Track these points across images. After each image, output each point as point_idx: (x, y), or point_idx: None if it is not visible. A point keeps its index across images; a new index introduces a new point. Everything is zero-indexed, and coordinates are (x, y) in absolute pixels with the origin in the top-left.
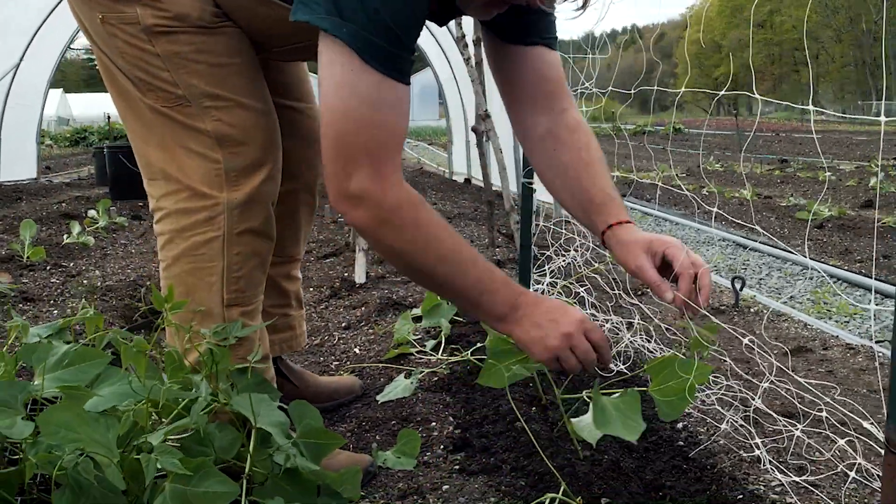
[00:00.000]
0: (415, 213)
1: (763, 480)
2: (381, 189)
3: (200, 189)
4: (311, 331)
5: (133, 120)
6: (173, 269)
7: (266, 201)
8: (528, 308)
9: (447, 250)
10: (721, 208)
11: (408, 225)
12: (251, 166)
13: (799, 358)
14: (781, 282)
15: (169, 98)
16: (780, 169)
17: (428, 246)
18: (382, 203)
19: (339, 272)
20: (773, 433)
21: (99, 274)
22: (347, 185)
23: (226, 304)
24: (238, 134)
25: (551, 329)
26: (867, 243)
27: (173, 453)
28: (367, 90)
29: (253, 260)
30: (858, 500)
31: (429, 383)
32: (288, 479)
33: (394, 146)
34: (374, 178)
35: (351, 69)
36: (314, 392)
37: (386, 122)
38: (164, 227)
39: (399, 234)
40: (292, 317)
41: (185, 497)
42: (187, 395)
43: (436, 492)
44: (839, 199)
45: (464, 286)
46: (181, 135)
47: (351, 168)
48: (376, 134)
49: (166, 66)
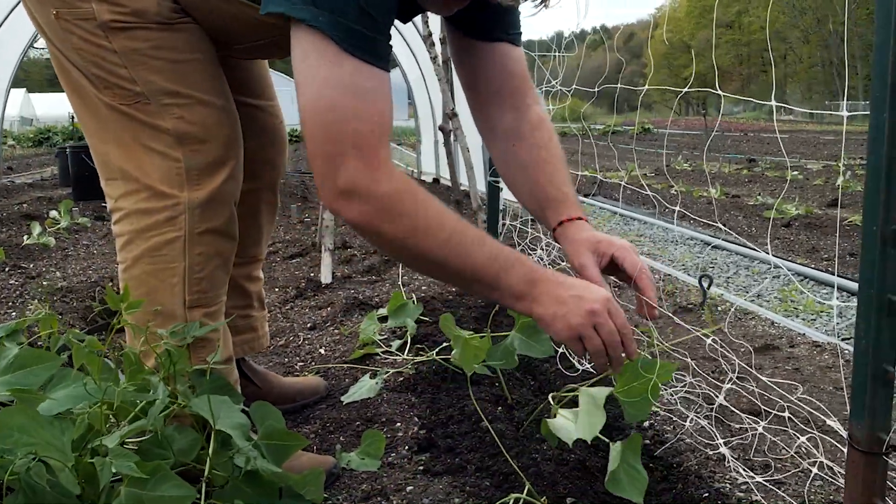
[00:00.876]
0: (412, 199)
1: (729, 479)
2: (373, 179)
3: (160, 189)
4: (275, 331)
5: (89, 118)
6: (133, 271)
7: (228, 200)
8: (548, 284)
9: (452, 231)
10: (689, 207)
11: (407, 212)
12: (213, 165)
13: (766, 356)
14: (749, 280)
15: (127, 95)
16: (748, 168)
17: (430, 231)
18: (376, 193)
19: (304, 272)
20: (739, 431)
21: (60, 275)
22: (337, 180)
23: (188, 305)
24: (199, 132)
25: (575, 305)
26: (834, 241)
27: (129, 456)
28: (347, 79)
29: (215, 260)
30: (823, 497)
31: (394, 383)
32: (249, 481)
33: (380, 134)
34: (364, 170)
35: (329, 59)
36: (278, 393)
37: (370, 111)
38: (124, 228)
39: (399, 224)
40: (254, 318)
41: (141, 501)
42: (144, 397)
43: (399, 493)
44: (806, 197)
45: (476, 267)
46: (140, 133)
47: (339, 162)
48: (361, 123)
49: (124, 63)
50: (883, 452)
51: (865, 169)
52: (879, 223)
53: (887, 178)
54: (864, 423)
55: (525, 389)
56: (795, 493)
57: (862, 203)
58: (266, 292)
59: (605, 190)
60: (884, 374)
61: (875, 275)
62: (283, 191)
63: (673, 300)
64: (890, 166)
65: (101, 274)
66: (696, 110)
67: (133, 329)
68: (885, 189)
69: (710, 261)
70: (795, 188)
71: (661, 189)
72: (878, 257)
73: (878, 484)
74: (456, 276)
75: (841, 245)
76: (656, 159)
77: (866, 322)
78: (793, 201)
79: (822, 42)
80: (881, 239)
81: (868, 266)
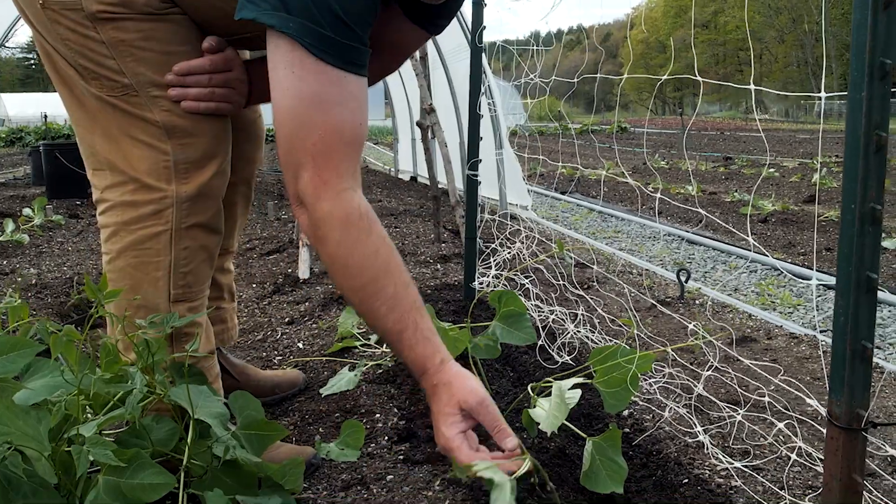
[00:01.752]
0: (344, 231)
1: (708, 465)
2: (317, 196)
3: (147, 181)
4: (253, 327)
5: (76, 109)
6: (117, 263)
7: (216, 195)
8: (434, 381)
9: (369, 281)
10: (666, 203)
11: (333, 241)
12: (202, 159)
13: (744, 347)
14: (726, 275)
15: (115, 87)
16: (725, 166)
17: (347, 270)
18: (315, 209)
19: (282, 268)
20: (718, 420)
21: (34, 272)
22: (296, 186)
23: (172, 299)
24: (188, 125)
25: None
26: (810, 236)
27: (106, 444)
28: (314, 90)
29: (201, 254)
30: (802, 482)
31: (373, 375)
32: (228, 471)
33: (341, 149)
34: (313, 184)
35: (297, 68)
36: (255, 386)
37: (332, 124)
38: (109, 220)
39: (324, 246)
40: (225, 310)
41: (120, 490)
42: (122, 387)
43: (380, 482)
44: (783, 194)
45: (383, 324)
46: (127, 125)
47: (299, 171)
48: (322, 136)
49: (112, 54)
50: (862, 428)
51: (843, 147)
52: (857, 201)
53: (865, 156)
54: (843, 399)
55: (504, 380)
56: (774, 479)
57: (841, 183)
58: (243, 288)
59: (582, 187)
60: (862, 350)
61: (853, 252)
62: (260, 189)
63: (652, 293)
64: (867, 145)
65: (77, 270)
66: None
67: (111, 318)
68: (862, 167)
69: (688, 256)
70: (772, 185)
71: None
72: (856, 234)
73: (858, 460)
74: (365, 319)
75: (817, 240)
76: (633, 157)
77: (845, 299)
78: (769, 197)
79: (798, 42)
80: (859, 217)
81: (847, 243)
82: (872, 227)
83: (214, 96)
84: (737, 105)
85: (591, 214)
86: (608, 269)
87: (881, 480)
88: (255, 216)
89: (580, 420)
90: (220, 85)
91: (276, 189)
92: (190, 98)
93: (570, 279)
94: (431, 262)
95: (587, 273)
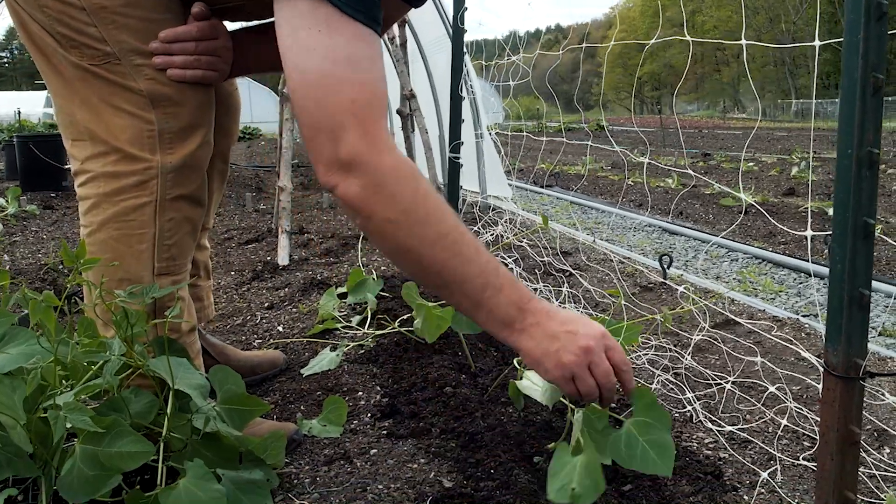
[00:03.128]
0: (414, 180)
1: (696, 437)
2: (376, 150)
3: (130, 151)
4: (232, 311)
5: (54, 78)
6: (99, 235)
7: (201, 166)
8: (539, 315)
9: (449, 228)
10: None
11: (406, 192)
12: (187, 129)
13: (727, 330)
14: (707, 264)
15: (95, 55)
16: (704, 161)
17: (428, 220)
18: (379, 165)
19: (261, 256)
20: (705, 396)
21: (8, 258)
22: (337, 151)
23: (156, 272)
24: (174, 94)
25: (568, 341)
26: (789, 227)
27: (84, 410)
28: (344, 47)
29: (185, 227)
30: (790, 454)
31: (355, 355)
32: (208, 444)
33: (379, 107)
34: (366, 140)
35: (326, 25)
36: (235, 366)
37: (367, 81)
38: (90, 191)
39: (395, 203)
40: (201, 287)
41: (97, 458)
42: (100, 357)
43: (363, 456)
44: (762, 187)
45: (465, 275)
46: (109, 94)
47: (339, 133)
48: (360, 94)
49: (93, 21)
50: (860, 377)
51: (822, 143)
52: (854, 145)
53: (862, 98)
54: (840, 347)
55: (488, 359)
56: (762, 451)
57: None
58: (221, 276)
59: (562, 181)
60: (860, 297)
61: (850, 198)
62: (238, 182)
63: (633, 280)
64: (865, 86)
65: (52, 259)
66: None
67: (89, 286)
68: (859, 110)
69: (669, 246)
70: (751, 178)
71: (618, 180)
72: (853, 180)
73: (855, 410)
74: (440, 279)
75: (797, 230)
76: (612, 154)
77: (841, 246)
78: (749, 190)
79: (775, 41)
80: (856, 161)
81: (843, 189)
82: (870, 172)
83: (200, 64)
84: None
85: (572, 207)
86: (589, 257)
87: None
88: (234, 207)
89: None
90: (206, 53)
91: (254, 183)
92: (176, 66)
93: (554, 255)
94: None
95: (569, 261)
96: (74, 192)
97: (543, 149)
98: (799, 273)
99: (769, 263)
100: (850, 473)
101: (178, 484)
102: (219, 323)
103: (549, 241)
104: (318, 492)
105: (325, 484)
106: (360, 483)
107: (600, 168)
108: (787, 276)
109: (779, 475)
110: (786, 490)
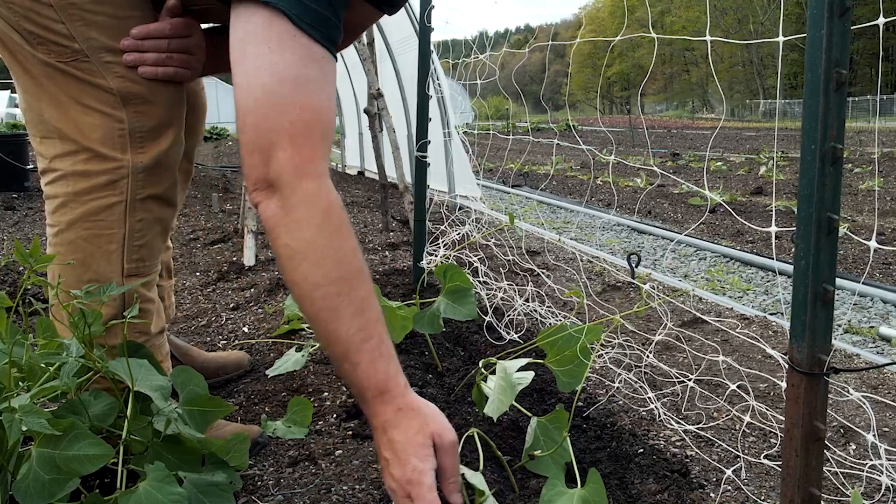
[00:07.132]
0: (327, 213)
1: (663, 436)
2: (300, 173)
3: (100, 150)
4: (196, 312)
5: (21, 74)
6: (67, 235)
7: (172, 166)
8: (387, 414)
9: (340, 276)
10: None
11: (312, 222)
12: (158, 127)
13: (695, 329)
14: (676, 262)
15: (64, 52)
16: (673, 161)
17: (322, 259)
18: (297, 188)
19: (227, 257)
20: (671, 394)
21: None
22: (266, 171)
23: (126, 273)
24: (145, 92)
25: (395, 463)
26: (757, 225)
27: (41, 413)
28: (292, 67)
29: (155, 227)
30: (757, 452)
31: (321, 356)
32: (170, 446)
33: (320, 131)
34: (293, 163)
35: (276, 43)
36: (200, 368)
37: (311, 105)
38: (58, 190)
39: (298, 230)
40: (163, 287)
41: (54, 462)
42: (57, 359)
43: (328, 457)
44: (731, 186)
45: (343, 329)
46: (78, 92)
47: (271, 152)
48: (300, 116)
49: (61, 18)
50: (824, 373)
51: (789, 142)
52: (818, 140)
53: (825, 93)
54: (804, 343)
55: (455, 359)
56: (728, 449)
57: (801, 123)
58: (186, 276)
59: (531, 181)
60: (823, 293)
61: (814, 193)
62: (204, 182)
63: (602, 279)
64: (828, 82)
65: (10, 260)
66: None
67: (48, 285)
68: (823, 105)
69: (638, 245)
70: (720, 178)
71: (587, 180)
72: (816, 175)
73: (819, 406)
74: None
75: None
76: (580, 154)
77: (806, 242)
78: (718, 189)
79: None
80: (820, 157)
81: (807, 184)
82: (833, 167)
83: (173, 61)
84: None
85: (541, 206)
86: (557, 256)
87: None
88: (200, 208)
89: (532, 396)
90: (178, 50)
91: (220, 183)
92: (148, 63)
93: (519, 253)
94: (380, 250)
95: (537, 260)
96: (37, 193)
97: (512, 148)
98: (766, 271)
99: (737, 262)
100: (816, 470)
101: (137, 487)
102: (183, 324)
103: (515, 241)
104: (282, 493)
105: (289, 486)
106: (324, 484)
107: (569, 168)
108: (754, 274)
109: (744, 473)
110: (752, 487)
